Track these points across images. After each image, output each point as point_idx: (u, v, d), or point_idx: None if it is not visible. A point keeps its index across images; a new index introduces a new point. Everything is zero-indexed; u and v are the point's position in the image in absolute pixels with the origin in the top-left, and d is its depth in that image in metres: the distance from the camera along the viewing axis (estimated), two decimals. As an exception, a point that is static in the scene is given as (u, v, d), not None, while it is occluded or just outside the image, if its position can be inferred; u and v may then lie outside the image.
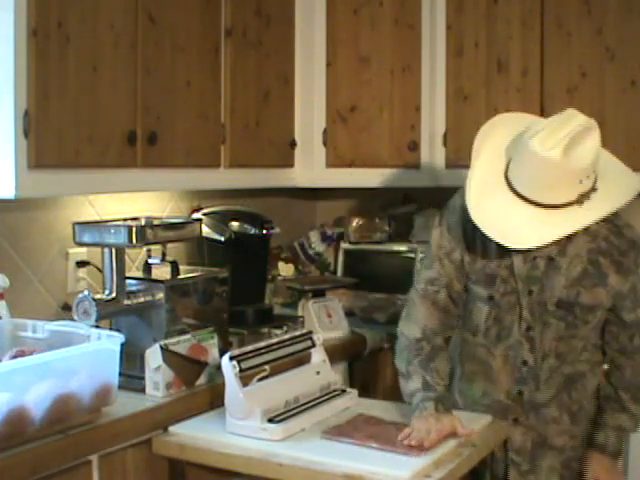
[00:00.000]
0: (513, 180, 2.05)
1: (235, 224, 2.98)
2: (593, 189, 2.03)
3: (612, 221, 2.14)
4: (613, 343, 2.24)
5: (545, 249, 2.12)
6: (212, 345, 2.39)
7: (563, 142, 1.95)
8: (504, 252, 2.15)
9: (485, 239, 2.11)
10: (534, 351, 2.19)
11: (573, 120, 2.01)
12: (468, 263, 2.22)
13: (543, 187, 2.00)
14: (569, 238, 2.11)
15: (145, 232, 2.32)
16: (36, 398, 1.83)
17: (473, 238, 2.19)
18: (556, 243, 2.09)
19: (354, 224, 3.56)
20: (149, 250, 2.55)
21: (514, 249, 2.08)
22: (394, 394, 2.37)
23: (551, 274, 2.15)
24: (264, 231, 3.02)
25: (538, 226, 2.00)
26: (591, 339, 2.23)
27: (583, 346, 2.22)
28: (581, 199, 2.01)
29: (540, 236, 2.00)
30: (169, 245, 2.56)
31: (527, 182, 2.02)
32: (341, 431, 2.08)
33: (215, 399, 2.25)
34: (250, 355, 2.14)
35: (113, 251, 2.32)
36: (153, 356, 2.24)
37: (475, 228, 2.09)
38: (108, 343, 2.04)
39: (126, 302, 2.34)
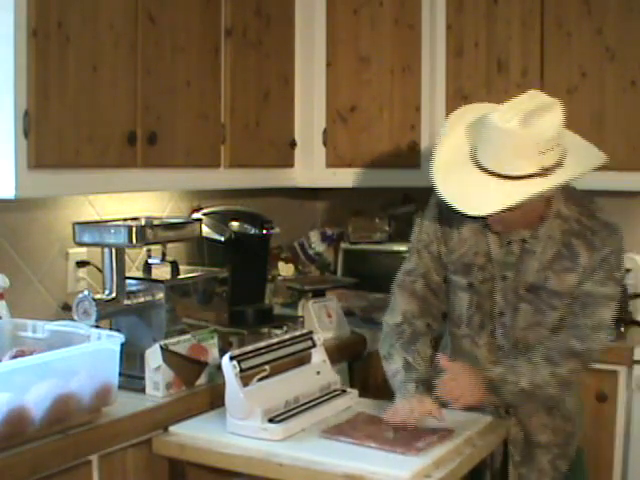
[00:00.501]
0: (478, 155, 2.08)
1: (235, 224, 2.98)
2: (559, 165, 2.05)
3: (586, 206, 2.20)
4: (568, 322, 2.20)
5: (519, 232, 2.17)
6: (212, 345, 2.38)
7: (521, 114, 1.99)
8: (480, 240, 2.23)
9: (460, 230, 2.23)
10: (506, 336, 2.24)
11: (534, 98, 2.05)
12: (445, 255, 2.29)
13: (504, 158, 2.02)
14: (542, 221, 2.15)
15: (145, 232, 2.32)
16: (36, 398, 1.83)
17: (449, 230, 2.27)
18: (529, 226, 2.15)
19: (354, 224, 3.56)
20: (149, 250, 2.55)
21: (472, 215, 2.09)
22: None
23: (525, 259, 2.19)
24: (264, 231, 3.02)
25: (498, 194, 2.02)
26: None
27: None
28: (545, 172, 2.02)
29: (498, 202, 2.01)
30: (169, 245, 2.56)
31: (489, 155, 2.04)
32: (340, 430, 2.08)
33: (215, 399, 2.25)
34: (250, 355, 2.14)
35: (113, 251, 2.32)
36: (153, 356, 2.24)
37: (450, 221, 2.23)
38: (108, 343, 2.04)
39: (126, 302, 2.34)
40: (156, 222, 2.49)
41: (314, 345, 2.37)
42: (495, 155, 2.03)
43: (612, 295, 2.18)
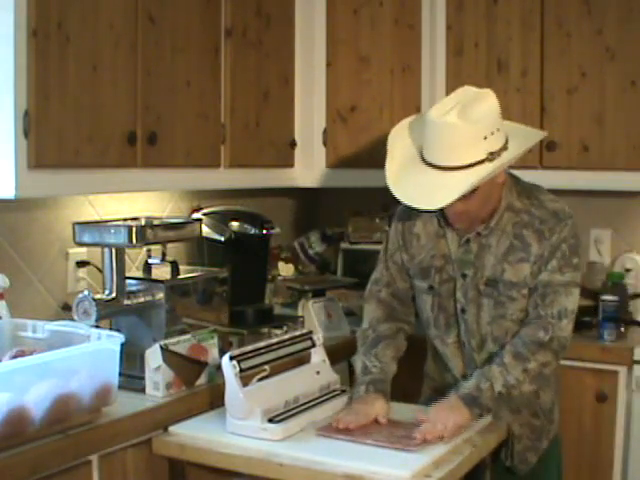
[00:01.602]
0: (425, 154, 2.14)
1: (235, 224, 2.98)
2: (504, 148, 2.11)
3: (536, 197, 2.24)
4: (531, 314, 2.21)
5: (473, 227, 2.22)
6: (212, 345, 2.38)
7: (457, 107, 2.07)
8: (437, 243, 2.29)
9: (419, 237, 2.32)
10: (467, 332, 2.28)
11: (467, 91, 2.15)
12: (407, 261, 2.37)
13: (450, 151, 2.08)
14: (499, 218, 2.20)
15: (145, 232, 2.32)
16: (36, 398, 1.83)
17: (410, 238, 2.35)
18: (482, 220, 2.20)
19: (354, 224, 3.55)
20: (149, 250, 2.55)
21: (431, 210, 2.16)
22: (393, 393, 2.37)
23: (482, 254, 2.24)
24: (264, 231, 3.02)
25: (451, 185, 2.07)
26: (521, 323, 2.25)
27: (517, 331, 2.23)
28: (491, 157, 2.08)
29: (454, 191, 2.06)
30: (169, 245, 2.56)
31: (436, 151, 2.10)
32: (334, 428, 2.09)
33: (215, 399, 2.25)
34: (250, 355, 2.14)
35: (113, 251, 2.32)
36: (153, 356, 2.24)
37: (410, 229, 2.34)
38: (108, 343, 2.04)
39: (126, 302, 2.34)
40: (156, 222, 2.49)
41: (314, 345, 2.37)
42: (441, 150, 2.09)
43: (570, 282, 2.20)
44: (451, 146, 2.07)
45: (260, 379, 2.16)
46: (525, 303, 2.22)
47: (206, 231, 2.88)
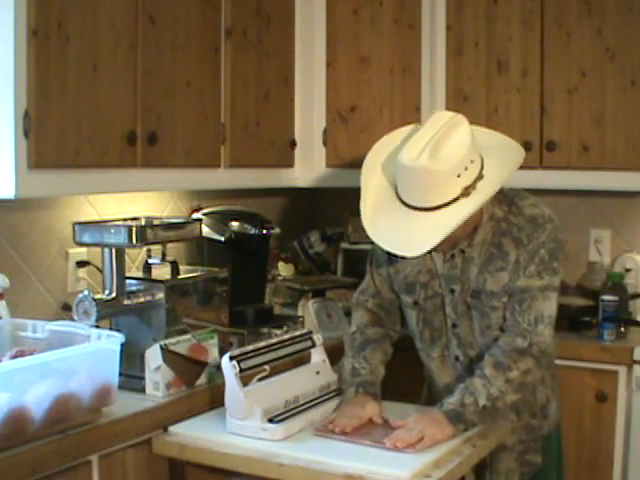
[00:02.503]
0: (400, 193, 2.12)
1: (235, 224, 2.98)
2: (480, 177, 2.08)
3: (515, 203, 2.21)
4: (508, 321, 2.19)
5: (456, 247, 2.21)
6: (212, 345, 2.38)
7: (427, 148, 2.02)
8: (423, 259, 2.26)
9: None
10: (461, 346, 2.28)
11: (436, 123, 2.08)
12: (393, 275, 2.36)
13: (424, 193, 2.06)
14: (476, 230, 2.18)
15: (145, 232, 2.32)
16: (36, 398, 1.83)
17: (394, 254, 2.27)
18: (466, 236, 2.18)
19: (354, 224, 3.55)
20: (149, 250, 2.55)
21: (410, 258, 2.16)
22: (393, 393, 2.37)
23: (467, 268, 2.23)
24: (264, 231, 3.02)
25: (428, 230, 2.05)
26: None
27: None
28: (466, 191, 2.05)
29: (432, 238, 2.04)
30: (169, 245, 2.56)
31: (409, 192, 2.09)
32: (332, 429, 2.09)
33: (215, 399, 2.25)
34: (250, 355, 2.14)
35: (113, 251, 2.32)
36: (153, 356, 2.24)
37: None
38: (108, 343, 2.04)
39: (126, 302, 2.34)
40: (156, 222, 2.49)
41: (314, 345, 2.37)
42: (415, 192, 2.07)
43: (548, 285, 2.17)
44: (425, 189, 2.05)
45: (260, 379, 2.17)
46: (504, 312, 2.20)
47: (206, 231, 2.88)
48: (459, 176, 2.05)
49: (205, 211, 3.03)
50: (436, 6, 3.24)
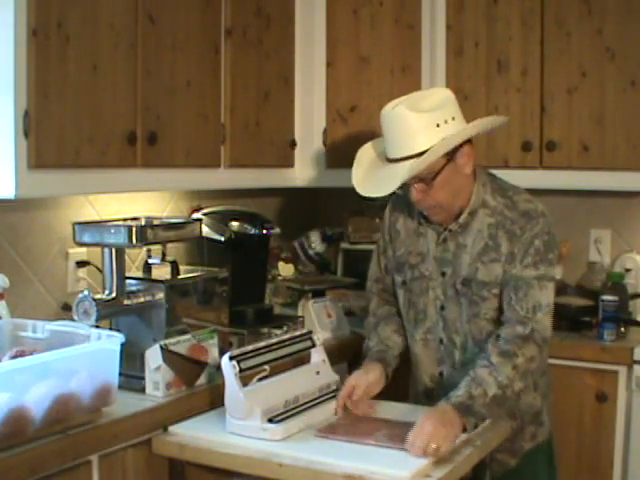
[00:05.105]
0: (386, 152, 2.22)
1: (235, 224, 2.98)
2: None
3: (510, 197, 2.27)
4: (506, 312, 2.21)
5: (447, 223, 2.26)
6: (212, 345, 2.38)
7: (408, 100, 2.18)
8: (415, 241, 2.34)
9: (400, 232, 2.39)
10: (447, 330, 2.31)
11: (418, 92, 2.31)
12: (391, 256, 2.44)
13: (402, 140, 2.15)
14: (471, 215, 2.24)
15: (145, 232, 2.32)
16: (36, 398, 1.83)
17: (395, 234, 2.42)
18: (455, 218, 2.25)
19: (354, 224, 3.55)
20: (149, 250, 2.55)
21: (375, 198, 2.20)
22: (394, 394, 2.37)
23: (459, 254, 2.27)
24: (264, 231, 3.02)
25: (404, 170, 2.12)
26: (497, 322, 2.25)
27: (492, 331, 2.23)
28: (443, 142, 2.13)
29: (406, 174, 2.11)
30: (169, 245, 2.56)
31: (392, 143, 2.18)
32: (335, 429, 2.09)
33: (215, 399, 2.25)
34: (250, 355, 2.14)
35: (113, 251, 2.32)
36: (153, 356, 2.24)
37: (395, 225, 2.40)
38: (108, 343, 2.04)
39: (126, 302, 2.34)
40: (156, 222, 2.49)
41: (313, 345, 2.37)
42: (396, 141, 2.16)
43: (544, 275, 2.20)
44: (404, 136, 2.14)
45: (260, 379, 2.17)
46: (497, 302, 2.24)
47: (206, 231, 2.88)
48: (438, 126, 2.13)
49: (205, 211, 3.03)
50: (436, 6, 3.24)
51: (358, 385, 2.24)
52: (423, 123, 2.12)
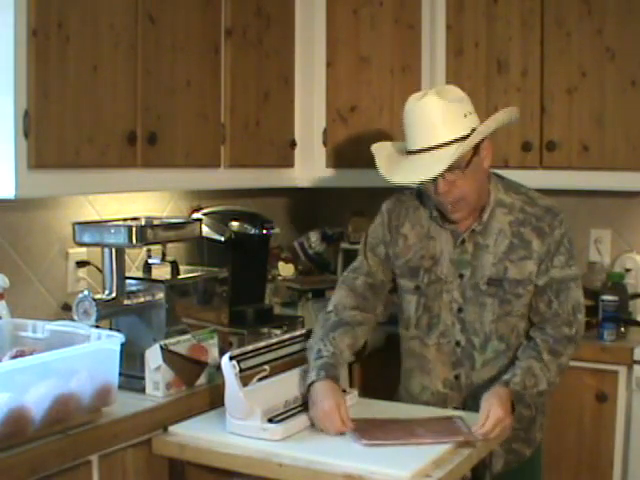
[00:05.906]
0: (408, 146, 2.19)
1: (235, 224, 2.98)
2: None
3: (525, 194, 2.28)
4: (535, 317, 2.27)
5: (467, 224, 2.25)
6: (212, 345, 2.38)
7: (432, 91, 2.17)
8: (428, 244, 2.31)
9: (407, 237, 2.33)
10: (465, 331, 2.28)
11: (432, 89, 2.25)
12: (393, 258, 2.37)
13: (432, 128, 2.12)
14: (491, 214, 2.24)
15: (145, 232, 2.32)
16: (36, 398, 1.83)
17: (396, 237, 2.36)
18: (477, 218, 2.24)
19: (354, 224, 3.55)
20: (149, 250, 2.55)
21: (421, 183, 2.18)
22: (394, 394, 2.37)
23: (479, 255, 2.26)
24: (264, 231, 3.02)
25: (436, 160, 2.11)
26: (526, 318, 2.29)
27: (524, 327, 2.27)
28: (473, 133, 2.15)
29: (441, 164, 2.09)
30: (169, 245, 2.56)
31: (418, 133, 2.15)
32: (374, 435, 2.04)
33: (215, 399, 2.25)
34: (250, 355, 2.14)
35: (113, 251, 2.32)
36: (153, 356, 2.24)
37: (397, 228, 2.35)
38: (108, 343, 2.04)
39: (126, 302, 2.34)
40: (156, 222, 2.49)
41: (314, 345, 2.37)
42: (422, 131, 2.14)
43: (577, 275, 2.28)
44: (434, 124, 2.12)
45: (260, 379, 2.16)
46: (529, 298, 2.25)
47: (206, 231, 2.88)
48: (465, 116, 2.14)
49: (205, 211, 3.03)
50: (436, 6, 3.24)
51: (340, 403, 2.10)
52: (454, 111, 2.13)
